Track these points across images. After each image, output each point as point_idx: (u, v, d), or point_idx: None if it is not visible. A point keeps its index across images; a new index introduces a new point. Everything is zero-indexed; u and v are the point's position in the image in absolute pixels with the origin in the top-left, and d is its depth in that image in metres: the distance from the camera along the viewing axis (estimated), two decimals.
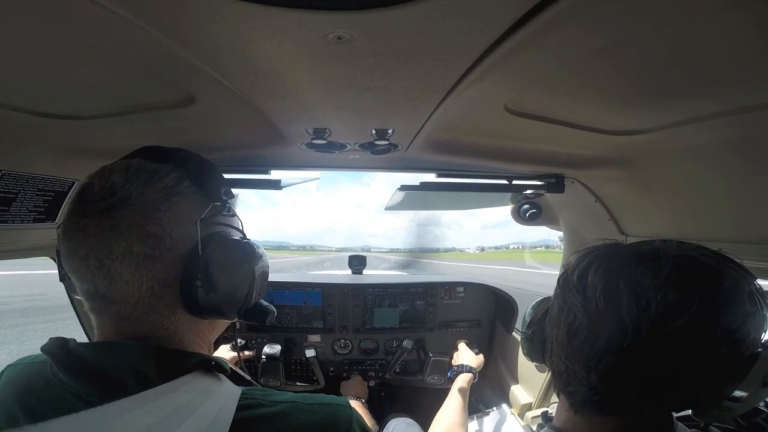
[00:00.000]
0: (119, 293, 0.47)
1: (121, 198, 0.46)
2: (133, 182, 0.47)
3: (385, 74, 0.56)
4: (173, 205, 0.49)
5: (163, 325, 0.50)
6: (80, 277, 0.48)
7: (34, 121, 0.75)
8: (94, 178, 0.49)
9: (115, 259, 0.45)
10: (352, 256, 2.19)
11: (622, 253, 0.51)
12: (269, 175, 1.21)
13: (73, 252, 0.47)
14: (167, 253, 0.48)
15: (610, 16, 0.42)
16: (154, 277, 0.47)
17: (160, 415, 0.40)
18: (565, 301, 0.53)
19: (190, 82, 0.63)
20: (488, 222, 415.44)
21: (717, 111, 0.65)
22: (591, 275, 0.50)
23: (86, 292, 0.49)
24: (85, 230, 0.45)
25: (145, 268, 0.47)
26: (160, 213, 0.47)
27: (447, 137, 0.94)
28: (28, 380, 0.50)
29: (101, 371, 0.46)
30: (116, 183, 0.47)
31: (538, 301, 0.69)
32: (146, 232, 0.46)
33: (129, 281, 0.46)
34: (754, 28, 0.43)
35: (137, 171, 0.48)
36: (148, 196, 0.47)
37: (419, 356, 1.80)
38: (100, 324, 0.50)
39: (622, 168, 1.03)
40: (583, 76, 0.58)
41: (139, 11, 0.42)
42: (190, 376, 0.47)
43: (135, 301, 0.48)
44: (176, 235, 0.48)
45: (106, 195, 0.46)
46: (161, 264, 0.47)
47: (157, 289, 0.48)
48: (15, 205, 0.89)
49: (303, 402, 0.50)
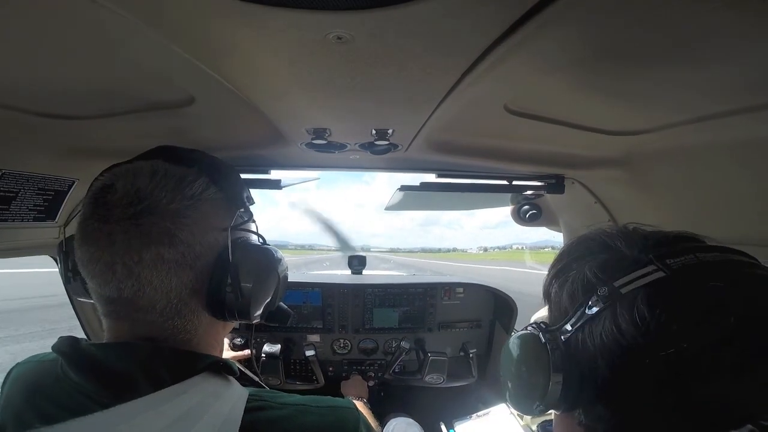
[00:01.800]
0: (146, 299, 0.47)
1: (150, 205, 0.45)
2: (161, 188, 0.47)
3: (385, 74, 0.56)
4: (201, 211, 0.49)
5: (186, 328, 0.50)
6: (102, 282, 0.47)
7: (34, 121, 0.75)
8: (117, 180, 0.47)
9: (146, 266, 0.45)
10: (352, 257, 2.19)
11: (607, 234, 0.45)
12: (269, 175, 1.22)
13: (95, 258, 0.46)
14: (197, 259, 0.48)
15: (609, 16, 0.42)
16: (183, 283, 0.48)
17: (172, 416, 0.40)
18: (565, 280, 0.44)
19: (190, 82, 0.63)
20: (488, 222, 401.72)
21: (717, 111, 0.65)
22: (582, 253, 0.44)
23: (107, 298, 0.48)
24: (111, 236, 0.45)
25: (175, 275, 0.47)
26: (189, 220, 0.47)
27: (447, 137, 0.94)
28: (37, 379, 0.50)
29: (113, 371, 0.46)
30: (143, 188, 0.46)
31: (523, 339, 0.49)
32: (177, 239, 0.46)
33: (158, 287, 0.46)
34: (754, 28, 0.43)
35: (164, 176, 0.48)
36: (178, 203, 0.47)
37: (418, 356, 1.80)
38: (113, 326, 0.50)
39: (622, 168, 1.03)
40: (583, 75, 0.58)
41: (139, 11, 0.42)
42: (200, 378, 0.47)
43: (162, 306, 0.48)
44: (205, 241, 0.49)
45: (133, 201, 0.45)
46: (191, 270, 0.48)
47: (185, 295, 0.48)
48: (15, 204, 0.89)
49: (311, 404, 0.51)
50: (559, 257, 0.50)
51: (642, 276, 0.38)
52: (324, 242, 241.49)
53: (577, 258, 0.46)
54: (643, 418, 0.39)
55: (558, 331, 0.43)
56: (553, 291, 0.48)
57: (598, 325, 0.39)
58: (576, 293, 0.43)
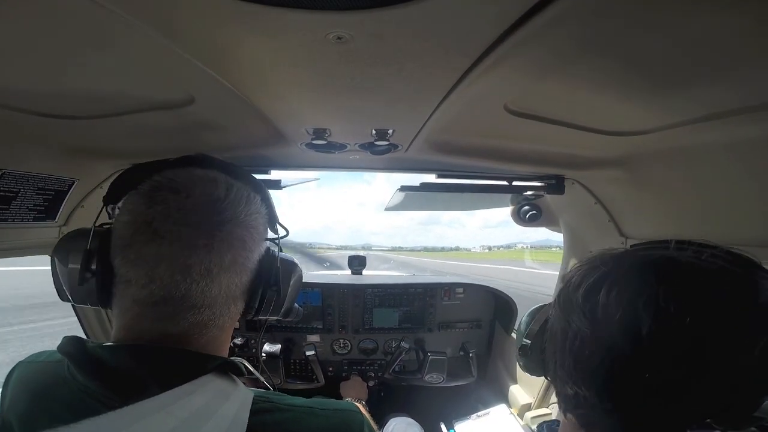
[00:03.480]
0: (211, 298, 0.50)
1: (232, 215, 0.51)
2: (238, 201, 0.52)
3: (385, 74, 0.56)
4: (259, 223, 0.56)
5: (223, 326, 0.54)
6: (160, 283, 0.46)
7: (34, 121, 0.75)
8: (188, 187, 0.49)
9: (224, 269, 0.50)
10: (352, 257, 2.19)
11: (635, 270, 0.44)
12: (269, 175, 1.22)
13: (160, 257, 0.46)
14: (254, 264, 0.55)
15: (609, 16, 0.42)
16: (242, 283, 0.54)
17: (181, 417, 0.40)
18: (569, 324, 0.47)
19: (190, 82, 0.63)
20: (490, 221, 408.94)
21: (717, 111, 0.65)
22: (603, 298, 0.44)
23: (148, 299, 0.47)
24: (191, 240, 0.47)
25: (239, 275, 0.52)
26: (254, 230, 0.54)
27: (447, 137, 0.94)
28: (43, 380, 0.50)
29: (121, 374, 0.45)
30: (222, 199, 0.50)
31: (535, 309, 0.65)
32: (247, 246, 0.53)
33: (225, 287, 0.51)
34: (754, 28, 0.43)
35: (238, 191, 0.53)
36: (251, 217, 0.53)
37: (418, 356, 1.80)
38: (139, 327, 0.48)
39: (622, 169, 1.03)
40: (583, 76, 0.58)
41: (139, 11, 0.41)
42: (207, 378, 0.47)
43: (221, 302, 0.51)
44: (259, 249, 0.56)
45: (218, 209, 0.49)
46: (248, 273, 0.54)
47: (239, 293, 0.54)
48: (15, 204, 0.89)
49: (317, 407, 0.52)
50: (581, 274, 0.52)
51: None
52: (324, 241, 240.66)
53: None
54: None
55: None
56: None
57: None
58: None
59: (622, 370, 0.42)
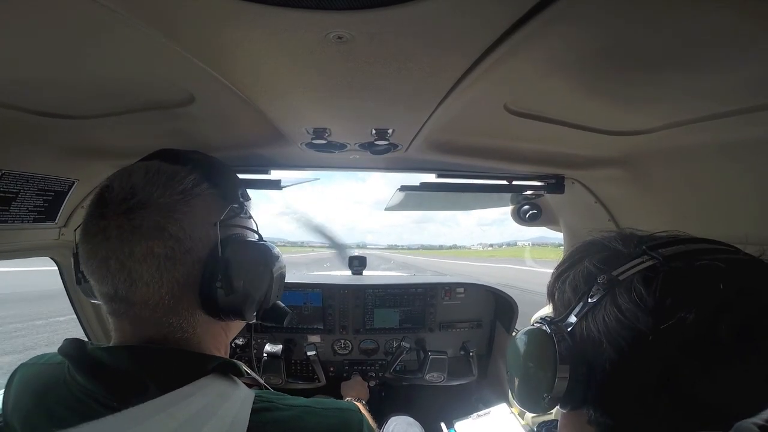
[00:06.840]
0: (139, 295, 0.47)
1: (141, 200, 0.46)
2: (153, 184, 0.48)
3: (385, 74, 0.55)
4: (192, 206, 0.49)
5: (182, 327, 0.50)
6: (100, 279, 0.47)
7: (34, 121, 0.75)
8: (115, 180, 0.49)
9: (136, 261, 0.46)
10: (352, 257, 2.19)
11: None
12: (269, 175, 1.21)
13: (93, 254, 0.47)
14: (187, 254, 0.48)
15: (609, 16, 0.42)
16: (174, 279, 0.48)
17: (181, 418, 0.40)
18: (619, 307, 0.40)
19: (190, 82, 0.63)
20: (485, 219, 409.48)
21: (717, 111, 0.65)
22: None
23: (106, 295, 0.49)
24: (106, 232, 0.46)
25: (165, 270, 0.47)
26: (179, 214, 0.48)
27: (447, 137, 0.94)
28: (45, 381, 0.51)
29: (120, 374, 0.46)
30: (136, 185, 0.47)
31: (530, 333, 0.49)
32: (167, 234, 0.47)
33: (149, 283, 0.47)
34: (754, 28, 0.43)
35: (157, 173, 0.49)
36: (168, 197, 0.48)
37: (418, 355, 1.80)
38: (119, 327, 0.50)
39: (622, 168, 1.03)
40: (583, 76, 0.58)
41: (139, 11, 0.41)
42: (207, 379, 0.47)
43: (155, 302, 0.48)
44: (195, 236, 0.49)
45: (127, 196, 0.46)
46: (181, 265, 0.48)
47: (176, 291, 0.48)
48: (15, 205, 0.89)
49: (316, 406, 0.52)
50: (562, 261, 0.51)
51: (637, 264, 0.41)
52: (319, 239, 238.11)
53: (579, 259, 0.48)
54: (650, 410, 0.39)
55: (563, 322, 0.44)
56: (557, 289, 0.49)
57: (600, 311, 0.41)
58: (578, 285, 0.45)
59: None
